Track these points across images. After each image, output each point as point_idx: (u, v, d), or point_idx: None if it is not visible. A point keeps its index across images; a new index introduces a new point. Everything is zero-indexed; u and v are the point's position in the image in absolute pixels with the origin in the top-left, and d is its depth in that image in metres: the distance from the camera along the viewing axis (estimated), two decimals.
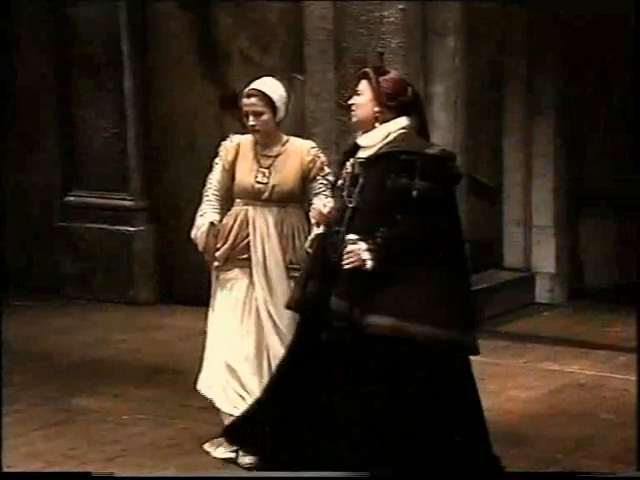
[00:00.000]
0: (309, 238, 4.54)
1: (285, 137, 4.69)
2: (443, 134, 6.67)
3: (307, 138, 6.86)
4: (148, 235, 7.49)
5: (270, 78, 4.74)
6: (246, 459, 4.48)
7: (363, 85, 4.18)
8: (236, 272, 4.59)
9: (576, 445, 4.78)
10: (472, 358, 4.19)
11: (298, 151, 4.65)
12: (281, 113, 4.63)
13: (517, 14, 7.40)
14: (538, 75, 7.42)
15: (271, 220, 4.58)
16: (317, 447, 4.16)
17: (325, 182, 4.61)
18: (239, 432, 4.43)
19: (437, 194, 4.03)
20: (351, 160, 4.19)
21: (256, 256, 4.57)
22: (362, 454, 4.07)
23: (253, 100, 4.59)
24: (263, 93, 4.59)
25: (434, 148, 4.13)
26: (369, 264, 4.00)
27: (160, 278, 7.39)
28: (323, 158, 4.67)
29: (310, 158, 4.63)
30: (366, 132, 4.17)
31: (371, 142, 4.14)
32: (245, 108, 4.61)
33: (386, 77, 4.18)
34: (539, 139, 7.51)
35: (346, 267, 4.01)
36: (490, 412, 4.66)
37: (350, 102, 4.22)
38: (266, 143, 4.64)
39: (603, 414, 5.17)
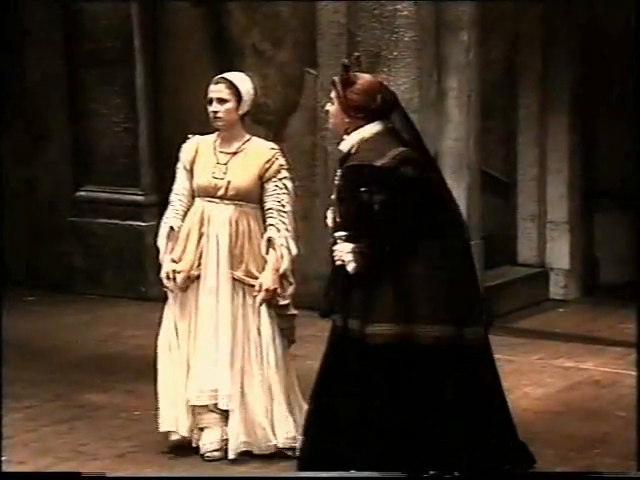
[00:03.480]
0: (263, 243, 4.50)
1: (248, 136, 4.62)
2: (457, 129, 6.65)
3: (319, 132, 6.94)
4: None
5: (241, 73, 4.68)
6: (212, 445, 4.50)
7: (333, 94, 4.18)
8: (193, 285, 4.53)
9: (590, 443, 4.75)
10: None
11: (258, 150, 4.58)
12: (245, 106, 4.55)
13: (531, 8, 7.35)
14: (552, 70, 7.36)
15: (225, 218, 4.50)
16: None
17: (280, 185, 4.53)
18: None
19: (397, 203, 4.02)
20: (339, 170, 4.22)
21: (208, 257, 4.48)
22: (390, 459, 4.08)
23: (220, 87, 4.54)
24: (230, 82, 4.55)
25: (389, 155, 4.06)
26: (350, 266, 4.04)
27: None
28: (282, 161, 4.58)
29: (267, 158, 4.54)
30: (342, 139, 4.21)
31: (345, 149, 4.19)
32: (210, 95, 4.55)
33: (353, 88, 4.13)
34: (554, 134, 7.45)
35: (337, 264, 4.08)
36: None
37: (325, 109, 4.25)
38: (226, 138, 4.57)
39: (618, 411, 5.13)
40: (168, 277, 4.56)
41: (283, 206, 4.53)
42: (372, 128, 4.13)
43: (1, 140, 7.77)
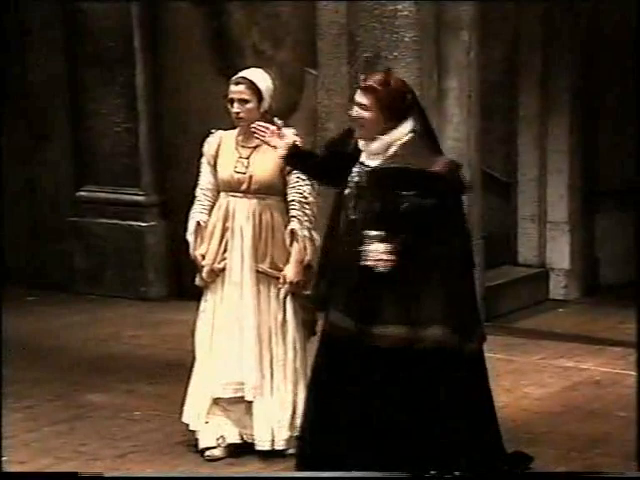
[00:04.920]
0: (287, 235, 4.54)
1: None
2: (457, 129, 6.64)
3: (319, 133, 6.94)
4: (160, 230, 7.47)
5: (259, 69, 4.70)
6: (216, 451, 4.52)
7: (368, 99, 4.11)
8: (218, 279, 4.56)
9: (591, 443, 4.74)
10: (487, 355, 4.18)
11: None
12: (266, 104, 4.58)
13: (531, 8, 7.34)
14: (553, 70, 7.36)
15: (249, 211, 4.54)
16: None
17: (302, 177, 4.56)
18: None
19: (445, 209, 4.05)
20: (358, 168, 4.18)
21: (233, 251, 4.52)
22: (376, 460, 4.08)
23: (241, 87, 4.56)
24: (251, 81, 4.57)
25: (439, 161, 4.12)
26: (384, 267, 4.02)
27: (172, 273, 7.37)
28: None
29: None
30: (372, 140, 4.15)
31: (377, 150, 4.14)
32: (231, 95, 4.58)
33: (390, 89, 4.13)
34: (554, 135, 7.45)
35: (367, 264, 4.02)
36: (505, 409, 4.64)
37: (355, 115, 4.15)
38: (248, 133, 4.58)
39: (618, 411, 5.12)
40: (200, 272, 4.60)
41: (305, 197, 4.57)
42: (405, 129, 4.13)
43: (1, 140, 7.77)
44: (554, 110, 7.41)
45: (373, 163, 4.15)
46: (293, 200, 4.57)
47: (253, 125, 4.44)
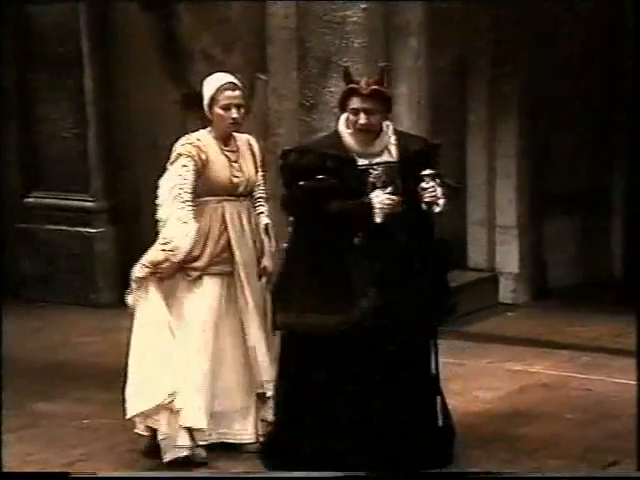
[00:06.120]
0: (261, 229, 4.70)
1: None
2: None
3: (270, 138, 6.93)
4: (109, 236, 7.42)
5: (227, 74, 4.72)
6: (203, 453, 4.52)
7: (377, 104, 4.30)
8: (211, 282, 4.57)
9: (540, 445, 4.78)
10: None
11: (247, 144, 4.74)
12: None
13: (480, 14, 7.40)
14: (502, 75, 7.42)
15: (244, 214, 4.65)
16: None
17: (263, 174, 4.76)
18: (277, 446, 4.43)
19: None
20: (373, 170, 4.30)
21: (238, 254, 4.59)
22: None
23: (238, 93, 4.62)
24: (241, 86, 4.66)
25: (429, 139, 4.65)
26: (440, 206, 4.22)
27: (122, 280, 7.31)
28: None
29: (258, 148, 4.76)
30: (373, 140, 4.34)
31: (381, 147, 4.35)
32: (229, 101, 4.58)
33: (388, 88, 4.42)
34: (503, 139, 7.50)
35: (427, 201, 4.22)
36: (454, 413, 4.66)
37: (363, 123, 4.29)
38: (225, 139, 4.65)
39: (566, 414, 5.17)
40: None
41: (267, 194, 4.79)
42: (388, 123, 4.40)
43: None
44: (503, 115, 7.47)
45: (382, 159, 4.32)
46: (261, 197, 4.77)
47: None
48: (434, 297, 4.36)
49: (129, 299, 4.63)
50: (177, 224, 4.54)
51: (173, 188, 4.56)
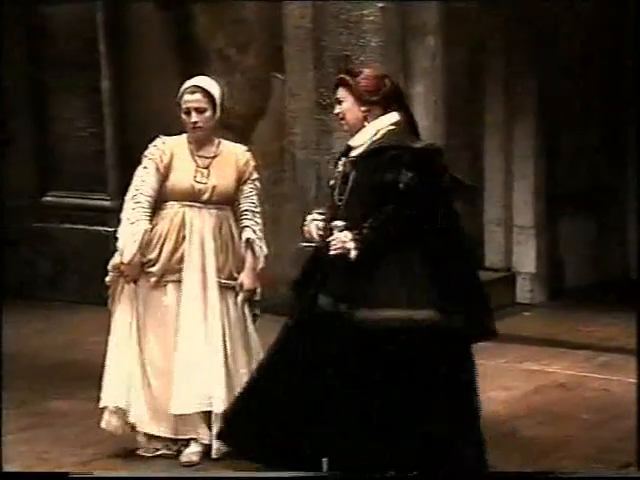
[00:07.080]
0: (242, 243, 4.56)
1: (217, 139, 4.64)
2: (423, 134, 6.62)
3: (287, 137, 6.94)
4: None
5: (206, 77, 4.68)
6: (193, 456, 4.48)
7: (342, 92, 4.20)
8: (168, 290, 4.51)
9: (556, 446, 4.76)
10: None
11: (233, 153, 4.62)
12: (219, 111, 4.57)
13: (496, 14, 7.38)
14: (518, 76, 7.40)
15: (210, 223, 4.52)
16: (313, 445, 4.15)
17: (253, 187, 4.61)
18: (233, 434, 4.38)
19: (423, 186, 4.07)
20: (342, 160, 4.24)
21: (191, 263, 4.47)
22: (359, 451, 4.09)
23: (198, 96, 4.52)
24: (206, 90, 4.54)
25: (421, 143, 4.20)
26: (353, 253, 4.04)
27: None
28: (254, 162, 4.66)
29: (245, 161, 4.62)
30: (357, 133, 4.21)
31: (361, 141, 4.19)
32: (188, 105, 4.52)
33: (362, 76, 4.21)
34: (520, 140, 7.48)
35: (331, 253, 4.05)
36: None
37: (335, 112, 4.23)
38: (201, 142, 4.57)
39: (582, 414, 5.15)
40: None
41: (256, 207, 4.63)
42: (387, 120, 4.18)
43: None
44: (520, 115, 7.44)
45: (357, 152, 4.19)
46: (247, 210, 4.60)
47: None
48: (483, 312, 4.30)
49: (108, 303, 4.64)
50: (126, 224, 4.54)
51: (131, 189, 4.60)
